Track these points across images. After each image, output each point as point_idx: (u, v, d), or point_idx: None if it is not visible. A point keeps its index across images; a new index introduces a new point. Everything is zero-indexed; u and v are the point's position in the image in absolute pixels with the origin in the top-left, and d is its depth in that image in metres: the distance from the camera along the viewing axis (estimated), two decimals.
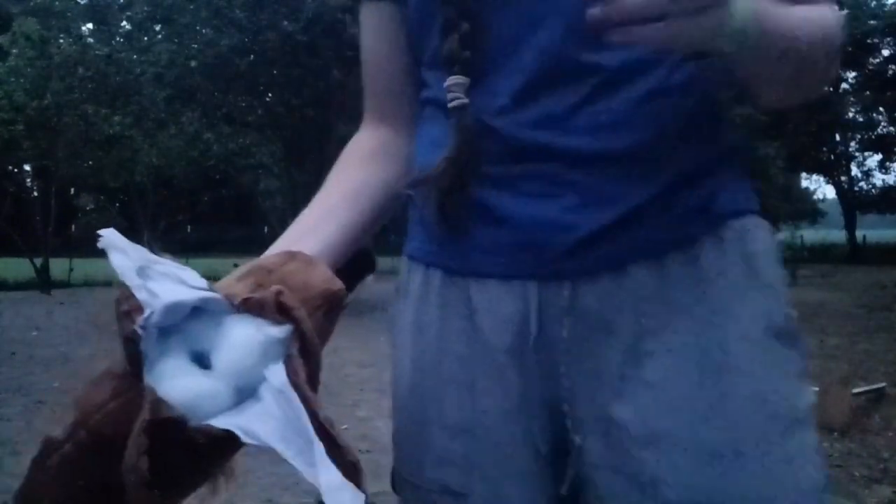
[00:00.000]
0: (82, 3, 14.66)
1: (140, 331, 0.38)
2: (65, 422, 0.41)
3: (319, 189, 0.70)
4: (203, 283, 0.43)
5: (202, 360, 0.39)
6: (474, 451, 0.59)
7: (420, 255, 0.65)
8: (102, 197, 27.30)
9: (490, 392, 0.59)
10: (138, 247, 0.43)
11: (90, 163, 15.40)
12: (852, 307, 9.62)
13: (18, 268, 15.19)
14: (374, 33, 0.69)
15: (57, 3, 13.49)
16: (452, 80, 0.58)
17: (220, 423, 0.36)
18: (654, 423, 0.54)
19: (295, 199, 11.42)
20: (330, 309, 0.47)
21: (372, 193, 0.67)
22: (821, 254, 22.58)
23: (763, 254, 0.57)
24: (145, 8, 10.58)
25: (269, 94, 11.36)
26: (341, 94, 10.52)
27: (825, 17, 0.55)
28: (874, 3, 20.88)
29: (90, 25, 14.64)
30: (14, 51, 12.31)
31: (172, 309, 0.39)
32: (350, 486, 0.36)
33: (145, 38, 11.55)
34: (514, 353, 0.58)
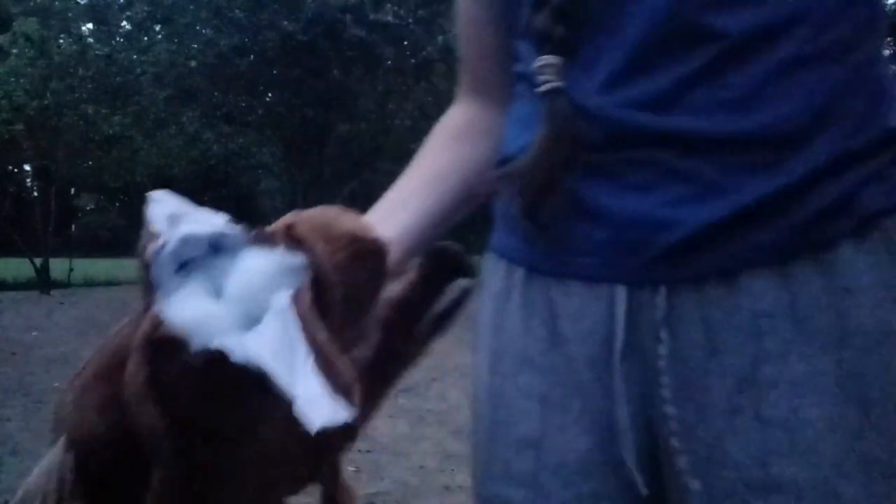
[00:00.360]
0: (82, 3, 14.65)
1: (153, 257, 0.37)
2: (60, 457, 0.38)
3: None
4: (232, 225, 0.42)
5: (220, 294, 0.39)
6: (541, 469, 0.52)
7: (503, 249, 0.57)
8: (102, 197, 27.30)
9: (566, 408, 0.51)
10: (185, 202, 0.43)
11: (90, 163, 15.40)
12: None
13: (18, 268, 15.19)
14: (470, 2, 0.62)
15: (57, 3, 13.48)
16: (543, 60, 0.50)
17: (214, 343, 0.35)
18: (776, 469, 0.44)
19: (295, 199, 11.43)
20: (359, 254, 0.43)
21: (457, 176, 0.61)
22: None
23: None
24: (145, 8, 10.57)
25: (269, 94, 11.37)
26: (341, 94, 10.52)
27: None
28: None
29: (90, 25, 14.63)
30: (14, 51, 12.30)
31: (187, 240, 0.38)
32: (331, 398, 0.34)
33: (145, 38, 11.54)
34: (597, 366, 0.50)
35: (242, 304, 0.38)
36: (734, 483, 0.45)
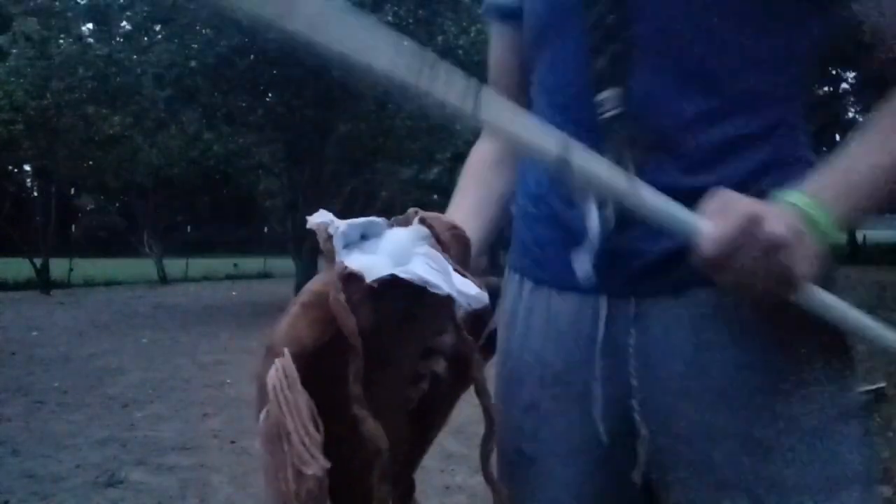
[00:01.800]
0: (82, 3, 14.61)
1: (332, 233, 0.57)
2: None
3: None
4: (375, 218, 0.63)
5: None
6: (541, 426, 0.72)
7: (516, 265, 0.78)
8: (102, 197, 27.28)
9: (558, 381, 0.70)
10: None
11: (90, 163, 15.39)
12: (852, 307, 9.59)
13: (18, 268, 15.18)
14: (501, 47, 0.82)
15: (57, 3, 13.45)
16: (609, 93, 0.66)
17: (385, 272, 0.53)
18: (713, 419, 0.63)
19: (295, 199, 11.42)
20: (457, 237, 0.63)
21: (495, 203, 0.80)
22: None
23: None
24: (145, 8, 10.55)
25: (269, 94, 11.35)
26: (341, 94, 10.52)
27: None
28: None
29: (90, 25, 14.61)
30: (14, 51, 12.29)
31: (351, 226, 0.58)
32: (475, 286, 0.56)
33: (145, 38, 11.51)
34: (582, 351, 0.68)
35: (393, 257, 0.57)
36: (683, 432, 0.64)
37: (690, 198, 0.58)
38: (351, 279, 0.54)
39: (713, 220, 0.55)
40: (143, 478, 3.13)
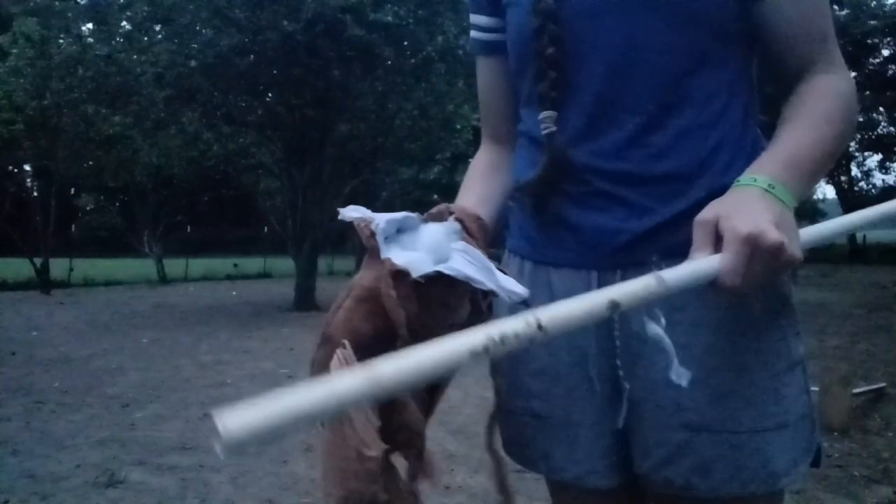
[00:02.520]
0: (82, 3, 14.61)
1: (375, 230, 0.63)
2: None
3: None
4: (410, 213, 0.71)
5: (414, 250, 0.67)
6: (551, 387, 0.84)
7: (516, 249, 0.90)
8: (102, 197, 27.28)
9: (562, 347, 0.83)
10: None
11: (90, 163, 15.40)
12: (852, 307, 9.61)
13: (18, 268, 15.18)
14: (488, 78, 0.96)
15: (57, 3, 13.44)
16: (545, 114, 0.80)
17: (430, 269, 0.61)
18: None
19: (295, 199, 11.42)
20: (481, 226, 0.74)
21: (494, 201, 0.90)
22: (821, 254, 22.54)
23: None
24: (145, 8, 10.52)
25: (269, 94, 11.34)
26: (341, 94, 10.51)
27: (833, 110, 0.74)
28: (874, 3, 20.85)
29: (90, 25, 14.59)
30: (14, 51, 12.30)
31: (390, 222, 0.64)
32: (517, 284, 0.64)
33: (145, 38, 11.48)
34: None
35: (432, 252, 0.64)
36: (656, 381, 0.76)
37: (662, 182, 0.76)
38: (398, 275, 0.61)
39: (714, 251, 0.64)
40: (143, 478, 3.13)
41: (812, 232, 0.72)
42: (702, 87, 0.77)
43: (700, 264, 0.64)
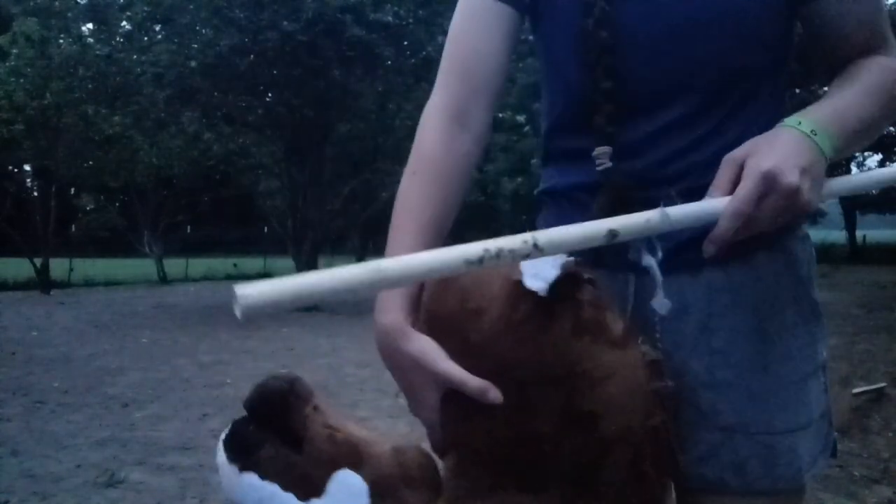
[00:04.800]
0: (82, 3, 14.62)
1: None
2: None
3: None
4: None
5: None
6: None
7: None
8: (102, 197, 27.24)
9: None
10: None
11: (90, 163, 15.38)
12: (852, 307, 9.61)
13: (18, 268, 15.17)
14: (489, 21, 0.86)
15: (57, 3, 13.44)
16: (601, 150, 0.77)
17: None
18: (719, 375, 0.76)
19: (295, 199, 11.42)
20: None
21: (456, 176, 0.82)
22: (821, 254, 22.51)
23: (800, 260, 0.80)
24: (145, 8, 10.53)
25: (269, 94, 11.34)
26: (341, 94, 10.51)
27: (885, 82, 0.73)
28: None
29: (90, 25, 14.60)
30: (14, 51, 12.30)
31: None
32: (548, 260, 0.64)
33: (145, 38, 11.50)
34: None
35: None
36: (692, 383, 0.77)
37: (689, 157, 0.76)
38: (515, 276, 0.67)
39: (733, 187, 0.64)
40: (143, 478, 3.14)
41: (841, 181, 0.72)
42: (750, 102, 0.78)
43: (710, 202, 0.64)
